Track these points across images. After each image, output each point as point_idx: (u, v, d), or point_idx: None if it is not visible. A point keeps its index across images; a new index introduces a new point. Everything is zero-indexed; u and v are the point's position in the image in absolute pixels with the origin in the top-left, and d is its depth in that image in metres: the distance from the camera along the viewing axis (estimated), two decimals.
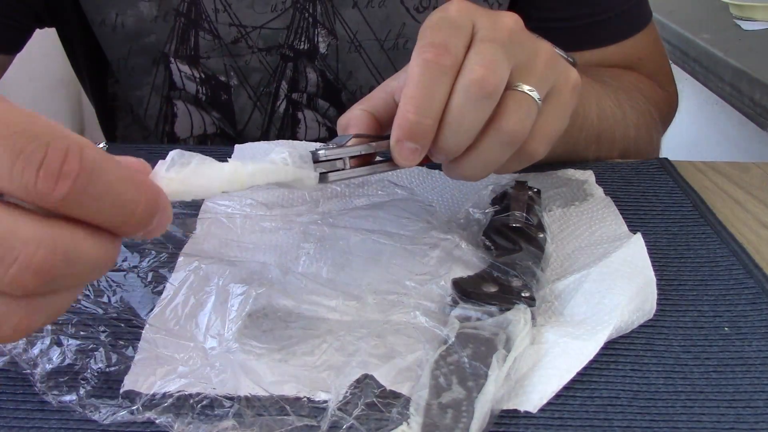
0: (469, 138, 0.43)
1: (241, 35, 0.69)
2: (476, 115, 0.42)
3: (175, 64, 0.71)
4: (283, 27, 0.68)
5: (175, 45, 0.70)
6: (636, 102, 0.69)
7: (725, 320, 0.45)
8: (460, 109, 0.42)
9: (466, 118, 0.42)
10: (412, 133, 0.42)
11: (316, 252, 0.48)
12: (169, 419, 0.36)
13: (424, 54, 0.42)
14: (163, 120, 0.74)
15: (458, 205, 0.55)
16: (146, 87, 0.72)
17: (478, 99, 0.42)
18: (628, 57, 0.74)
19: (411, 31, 0.70)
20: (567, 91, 0.47)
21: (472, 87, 0.42)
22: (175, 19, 0.68)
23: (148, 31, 0.69)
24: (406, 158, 0.43)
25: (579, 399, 0.39)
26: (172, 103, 0.73)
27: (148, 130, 0.76)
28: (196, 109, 0.74)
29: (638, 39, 0.74)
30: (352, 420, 0.36)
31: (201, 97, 0.72)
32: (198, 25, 0.69)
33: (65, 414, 0.37)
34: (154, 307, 0.43)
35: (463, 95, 0.42)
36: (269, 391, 0.38)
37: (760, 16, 1.24)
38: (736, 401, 0.39)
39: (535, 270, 0.45)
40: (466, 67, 0.42)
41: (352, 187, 0.56)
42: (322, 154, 0.42)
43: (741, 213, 0.57)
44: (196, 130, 0.75)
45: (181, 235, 0.50)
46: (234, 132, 0.75)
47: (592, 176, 0.60)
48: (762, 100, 1.03)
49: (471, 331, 0.40)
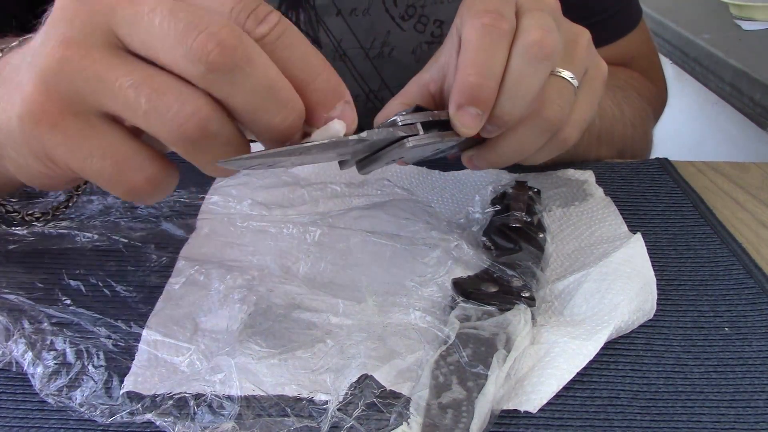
0: (528, 105, 0.42)
1: None
2: (535, 78, 0.41)
3: None
4: None
5: None
6: (632, 100, 0.69)
7: (725, 320, 0.45)
8: (520, 73, 0.41)
9: (525, 82, 0.41)
10: (474, 96, 0.40)
11: (316, 253, 0.48)
12: (169, 421, 0.36)
13: (481, 19, 0.41)
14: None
15: (458, 205, 0.55)
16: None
17: (538, 60, 0.41)
18: (621, 55, 0.74)
19: (396, 39, 0.69)
20: (599, 79, 0.47)
21: (531, 48, 0.41)
22: None
23: None
24: (469, 125, 0.41)
25: (579, 399, 0.39)
26: None
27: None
28: None
29: (631, 38, 0.74)
30: (352, 421, 0.36)
31: None
32: None
33: (65, 414, 0.37)
34: (154, 308, 0.43)
35: (522, 58, 0.41)
36: (269, 392, 0.38)
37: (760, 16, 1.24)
38: (736, 401, 0.39)
39: (535, 270, 0.45)
40: (523, 31, 0.41)
41: (351, 187, 0.56)
42: (399, 119, 0.40)
43: (741, 213, 0.57)
44: None
45: (181, 235, 0.50)
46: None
47: (592, 176, 0.60)
48: (762, 100, 1.03)
49: (471, 331, 0.40)
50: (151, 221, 0.51)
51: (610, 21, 0.73)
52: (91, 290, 0.45)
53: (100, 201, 0.53)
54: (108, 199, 0.53)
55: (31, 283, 0.45)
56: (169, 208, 0.53)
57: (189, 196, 0.54)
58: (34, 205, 0.52)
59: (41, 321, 0.41)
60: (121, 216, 0.52)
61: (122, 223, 0.51)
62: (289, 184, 0.56)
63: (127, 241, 0.49)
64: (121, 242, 0.49)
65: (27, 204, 0.52)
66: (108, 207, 0.53)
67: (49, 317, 0.42)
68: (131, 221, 0.51)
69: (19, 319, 0.41)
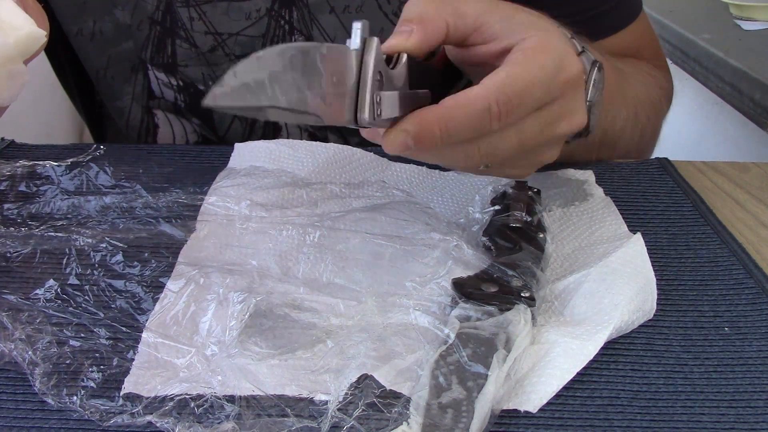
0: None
1: (217, 43, 0.68)
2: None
3: (153, 71, 0.70)
4: (259, 35, 0.68)
5: (151, 53, 0.69)
6: (651, 105, 0.68)
7: (725, 320, 0.45)
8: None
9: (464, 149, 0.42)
10: (420, 139, 0.40)
11: (316, 254, 0.48)
12: (169, 423, 0.36)
13: (503, 94, 0.40)
14: (145, 132, 0.74)
15: (458, 206, 0.55)
16: (127, 97, 0.72)
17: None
18: (628, 46, 0.74)
19: (390, 35, 0.69)
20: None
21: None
22: (150, 28, 0.68)
23: (125, 36, 0.68)
24: (393, 146, 0.40)
25: (579, 399, 0.39)
26: (152, 113, 0.73)
27: (132, 142, 0.75)
28: (177, 118, 0.73)
29: (635, 27, 0.74)
30: (352, 421, 0.36)
31: (180, 104, 0.72)
32: (174, 33, 0.68)
33: (65, 414, 0.37)
34: (153, 310, 0.43)
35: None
36: (269, 393, 0.38)
37: (760, 16, 1.24)
38: (736, 401, 0.39)
39: (535, 270, 0.45)
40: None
41: (350, 187, 0.56)
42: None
43: (741, 213, 0.57)
44: (179, 139, 0.74)
45: (180, 236, 0.50)
46: (216, 137, 0.74)
47: (592, 176, 0.60)
48: (762, 100, 1.02)
49: (471, 331, 0.40)
50: (149, 222, 0.51)
51: (612, 12, 0.73)
52: (91, 291, 0.45)
53: (98, 201, 0.53)
54: (106, 199, 0.53)
55: (30, 284, 0.45)
56: (167, 209, 0.53)
57: (187, 197, 0.54)
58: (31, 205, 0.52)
59: (40, 322, 0.41)
60: (119, 217, 0.52)
61: (121, 224, 0.51)
62: (288, 184, 0.56)
63: (126, 243, 0.49)
64: (120, 243, 0.49)
65: (23, 205, 0.52)
66: (106, 207, 0.53)
67: (48, 318, 0.42)
68: (130, 222, 0.51)
69: (19, 320, 0.41)
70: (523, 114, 0.42)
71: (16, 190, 0.55)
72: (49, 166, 0.57)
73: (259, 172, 0.57)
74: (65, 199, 0.53)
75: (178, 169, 0.60)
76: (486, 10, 0.44)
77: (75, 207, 0.52)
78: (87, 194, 0.54)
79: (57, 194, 0.53)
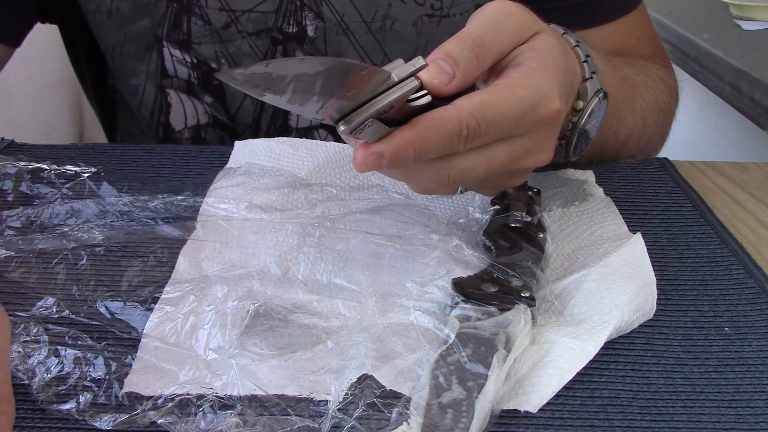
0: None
1: (231, 20, 0.69)
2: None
3: (168, 48, 0.71)
4: (272, 10, 0.69)
5: (167, 29, 0.70)
6: (660, 110, 0.68)
7: (725, 320, 0.45)
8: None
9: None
10: (394, 161, 0.40)
11: (315, 254, 0.48)
12: (171, 421, 0.36)
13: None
14: (158, 111, 0.75)
15: (458, 206, 0.55)
16: (141, 75, 0.73)
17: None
18: (627, 37, 0.74)
19: (397, 11, 0.70)
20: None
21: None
22: (167, 5, 0.69)
23: (142, 14, 0.70)
24: (365, 166, 0.41)
25: (579, 399, 0.39)
26: (165, 92, 0.74)
27: (145, 122, 0.76)
28: (189, 98, 0.74)
29: (634, 18, 0.74)
30: (352, 421, 0.36)
31: (193, 81, 0.73)
32: (190, 10, 0.69)
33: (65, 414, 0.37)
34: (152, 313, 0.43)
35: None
36: (270, 393, 0.38)
37: (760, 16, 1.24)
38: (736, 401, 0.39)
39: (535, 270, 0.45)
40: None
41: (349, 190, 0.56)
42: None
43: (741, 213, 0.57)
44: (190, 120, 0.75)
45: (180, 238, 0.50)
46: (227, 116, 0.75)
47: (592, 176, 0.60)
48: (762, 100, 1.02)
49: (471, 331, 0.40)
50: (148, 224, 0.51)
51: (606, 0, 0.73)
52: (90, 294, 0.45)
53: (96, 205, 0.53)
54: (104, 201, 0.53)
55: (27, 289, 0.45)
56: (166, 211, 0.53)
57: (186, 199, 0.54)
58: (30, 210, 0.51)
59: (38, 328, 0.41)
60: (117, 219, 0.52)
61: (119, 226, 0.51)
62: (286, 185, 0.56)
63: (125, 245, 0.49)
64: (119, 246, 0.49)
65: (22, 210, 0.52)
66: (104, 211, 0.52)
67: (45, 323, 0.41)
68: (128, 224, 0.51)
69: (16, 326, 0.41)
70: (487, 141, 0.42)
71: (17, 190, 0.55)
72: (49, 171, 0.57)
73: (256, 170, 0.57)
74: (64, 204, 0.53)
75: (180, 170, 0.60)
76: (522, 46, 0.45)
77: (74, 210, 0.52)
78: (86, 198, 0.54)
79: (57, 197, 0.53)
